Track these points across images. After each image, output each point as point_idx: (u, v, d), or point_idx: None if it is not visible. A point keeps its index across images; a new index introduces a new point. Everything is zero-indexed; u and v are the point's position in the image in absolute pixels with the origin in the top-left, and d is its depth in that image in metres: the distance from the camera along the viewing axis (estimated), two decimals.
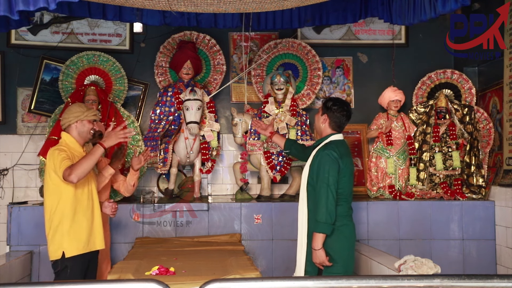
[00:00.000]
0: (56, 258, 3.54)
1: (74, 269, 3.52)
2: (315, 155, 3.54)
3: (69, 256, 3.52)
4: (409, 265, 3.53)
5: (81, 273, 3.58)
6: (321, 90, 5.95)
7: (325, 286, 1.89)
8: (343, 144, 3.63)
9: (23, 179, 5.60)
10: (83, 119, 3.68)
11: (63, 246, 3.53)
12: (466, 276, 1.88)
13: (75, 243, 3.55)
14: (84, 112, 3.69)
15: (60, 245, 3.53)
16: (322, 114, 3.64)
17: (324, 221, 3.38)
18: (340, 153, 3.48)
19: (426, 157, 5.46)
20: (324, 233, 3.40)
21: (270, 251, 5.01)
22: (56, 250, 3.54)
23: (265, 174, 5.29)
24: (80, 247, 3.56)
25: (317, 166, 3.48)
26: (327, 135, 3.62)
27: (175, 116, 5.35)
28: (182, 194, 5.28)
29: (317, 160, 3.50)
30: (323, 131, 3.66)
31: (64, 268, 3.52)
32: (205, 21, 4.96)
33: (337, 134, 3.62)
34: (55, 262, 3.56)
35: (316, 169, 3.48)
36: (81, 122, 3.68)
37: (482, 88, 5.71)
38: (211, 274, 3.43)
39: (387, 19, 4.61)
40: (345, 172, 3.49)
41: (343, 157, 3.49)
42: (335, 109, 3.59)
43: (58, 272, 3.55)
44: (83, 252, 3.58)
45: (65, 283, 2.02)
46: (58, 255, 3.53)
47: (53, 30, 5.70)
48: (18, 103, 5.66)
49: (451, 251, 5.12)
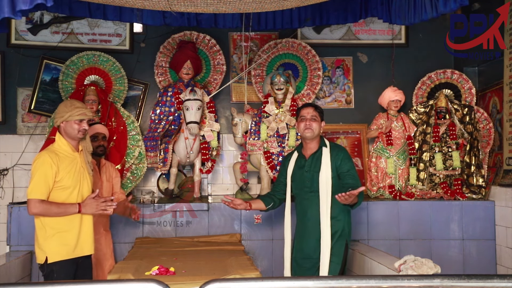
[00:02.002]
0: (41, 262, 3.45)
1: (60, 274, 3.40)
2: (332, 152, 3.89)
3: (52, 262, 3.41)
4: (409, 265, 3.53)
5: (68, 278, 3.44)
6: (321, 90, 5.96)
7: (325, 286, 1.89)
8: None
9: (23, 179, 5.59)
10: (68, 120, 3.46)
11: (46, 251, 3.42)
12: (466, 276, 1.88)
13: (59, 249, 3.43)
14: (68, 112, 3.46)
15: (43, 250, 3.43)
16: (321, 121, 3.99)
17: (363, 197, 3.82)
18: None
19: (426, 157, 5.46)
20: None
21: (270, 251, 5.01)
22: (42, 254, 3.44)
23: (265, 174, 5.29)
24: (63, 253, 3.44)
25: (342, 158, 3.87)
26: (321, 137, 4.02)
27: (175, 116, 5.35)
28: (182, 194, 5.28)
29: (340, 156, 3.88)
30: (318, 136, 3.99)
31: (49, 272, 3.42)
32: (205, 21, 4.96)
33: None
34: (41, 266, 3.47)
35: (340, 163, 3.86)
36: (67, 122, 3.48)
37: (482, 88, 5.71)
38: (211, 274, 3.43)
39: (386, 19, 4.61)
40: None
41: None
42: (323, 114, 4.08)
43: (45, 276, 3.47)
44: (67, 258, 3.45)
45: (65, 283, 2.02)
46: (42, 259, 3.44)
47: (53, 30, 5.70)
48: (18, 103, 5.66)
49: (451, 251, 5.12)
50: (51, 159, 3.40)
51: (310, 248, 3.86)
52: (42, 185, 3.36)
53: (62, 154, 3.46)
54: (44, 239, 3.44)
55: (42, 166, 3.38)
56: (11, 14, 2.69)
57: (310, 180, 3.88)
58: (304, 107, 4.01)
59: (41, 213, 3.39)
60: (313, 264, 3.85)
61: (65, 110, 3.50)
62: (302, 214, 3.96)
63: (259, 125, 5.28)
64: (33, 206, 3.35)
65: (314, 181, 3.86)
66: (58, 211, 3.40)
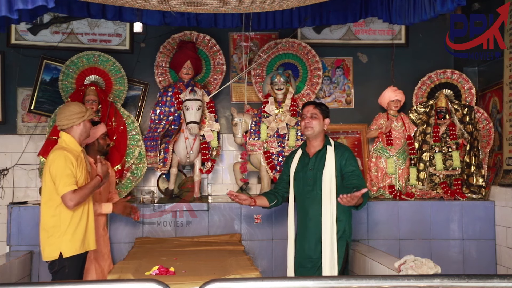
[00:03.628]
0: (53, 259, 3.54)
1: (71, 268, 3.53)
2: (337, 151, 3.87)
3: (67, 257, 3.53)
4: (409, 265, 3.53)
5: (78, 273, 3.61)
6: (321, 90, 5.96)
7: (325, 286, 1.89)
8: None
9: (23, 179, 5.60)
10: (86, 120, 3.69)
11: (61, 247, 3.53)
12: (466, 276, 1.88)
13: (73, 244, 3.55)
14: (86, 112, 3.69)
15: (58, 246, 3.53)
16: (324, 118, 3.95)
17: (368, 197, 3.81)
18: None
19: (426, 157, 5.46)
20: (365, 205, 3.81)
21: (270, 251, 5.02)
22: (54, 250, 3.54)
23: (265, 174, 5.29)
24: (77, 247, 3.57)
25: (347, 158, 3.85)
26: (325, 135, 3.97)
27: (175, 116, 5.35)
28: (182, 194, 5.28)
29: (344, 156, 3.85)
30: (321, 134, 3.95)
31: (61, 268, 3.52)
32: (205, 21, 4.97)
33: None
34: (52, 262, 3.56)
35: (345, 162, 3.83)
36: (83, 122, 3.68)
37: (482, 88, 5.71)
38: (211, 274, 3.43)
39: (386, 19, 4.61)
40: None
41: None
42: (328, 111, 4.03)
43: (56, 272, 3.55)
44: (80, 252, 3.60)
45: (65, 283, 2.02)
46: (55, 255, 3.53)
47: (53, 30, 5.70)
48: (18, 103, 5.66)
49: (451, 251, 5.12)
50: (70, 157, 3.51)
51: (310, 249, 3.85)
52: (69, 178, 3.46)
53: (73, 154, 3.57)
54: (59, 235, 3.53)
55: (65, 163, 3.48)
56: (8, 13, 2.68)
57: (313, 179, 3.86)
58: (305, 106, 4.02)
59: (79, 202, 3.49)
60: (313, 264, 3.84)
61: (82, 111, 3.68)
62: (304, 213, 3.93)
63: (259, 125, 5.28)
64: (69, 199, 3.44)
65: (317, 179, 3.84)
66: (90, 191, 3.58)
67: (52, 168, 3.49)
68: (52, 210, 3.55)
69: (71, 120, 3.64)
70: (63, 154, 3.52)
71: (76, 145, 3.67)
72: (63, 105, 3.89)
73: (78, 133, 3.67)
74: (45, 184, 3.61)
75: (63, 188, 3.44)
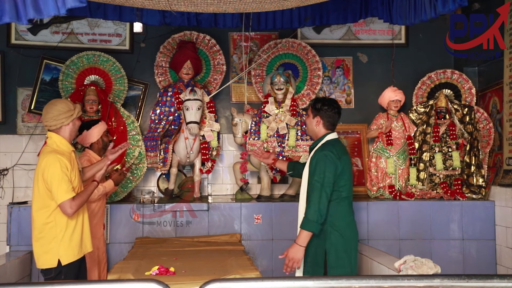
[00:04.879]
0: (51, 266, 3.41)
1: (68, 274, 3.41)
2: (313, 156, 3.54)
3: (65, 264, 3.41)
4: (409, 265, 3.53)
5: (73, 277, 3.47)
6: (321, 90, 5.95)
7: (325, 286, 1.89)
8: (339, 142, 3.65)
9: (23, 179, 5.60)
10: (75, 118, 3.52)
11: (59, 254, 3.40)
12: (466, 276, 1.88)
13: (71, 250, 3.44)
14: (74, 110, 3.50)
15: (56, 253, 3.40)
16: (313, 117, 3.62)
17: (314, 220, 3.37)
18: (337, 152, 3.48)
19: (426, 157, 5.46)
20: (312, 231, 3.41)
21: (270, 251, 5.01)
22: (51, 258, 3.40)
23: (265, 174, 5.29)
24: (75, 253, 3.46)
25: (314, 166, 3.47)
26: (322, 135, 3.62)
27: (175, 116, 5.35)
28: (182, 194, 5.28)
29: (314, 161, 3.50)
30: (318, 133, 3.64)
31: (57, 274, 3.40)
32: (205, 21, 4.96)
33: (332, 133, 3.62)
34: (49, 269, 3.42)
35: (313, 169, 3.48)
36: (72, 122, 3.51)
37: (482, 88, 5.71)
38: (211, 274, 3.43)
39: (387, 19, 4.61)
40: (345, 170, 3.50)
41: (341, 156, 3.49)
42: (326, 109, 3.59)
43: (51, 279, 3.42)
44: (78, 257, 3.49)
45: (64, 283, 2.02)
46: (53, 263, 3.40)
47: (53, 30, 5.70)
48: (18, 103, 5.66)
49: (451, 251, 5.12)
50: (64, 162, 3.37)
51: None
52: (66, 185, 3.34)
53: (66, 156, 3.43)
54: (55, 242, 3.40)
55: (61, 169, 3.34)
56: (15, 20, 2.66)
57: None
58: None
59: (78, 209, 3.41)
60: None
61: (70, 109, 3.50)
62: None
63: (259, 125, 5.28)
64: (69, 207, 3.34)
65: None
66: (88, 197, 3.51)
67: (47, 175, 3.34)
68: (45, 217, 3.40)
69: (60, 120, 3.45)
70: (57, 158, 3.36)
71: (67, 145, 3.50)
72: (49, 103, 3.54)
73: (67, 133, 3.50)
74: (38, 190, 3.42)
75: (62, 196, 3.31)
